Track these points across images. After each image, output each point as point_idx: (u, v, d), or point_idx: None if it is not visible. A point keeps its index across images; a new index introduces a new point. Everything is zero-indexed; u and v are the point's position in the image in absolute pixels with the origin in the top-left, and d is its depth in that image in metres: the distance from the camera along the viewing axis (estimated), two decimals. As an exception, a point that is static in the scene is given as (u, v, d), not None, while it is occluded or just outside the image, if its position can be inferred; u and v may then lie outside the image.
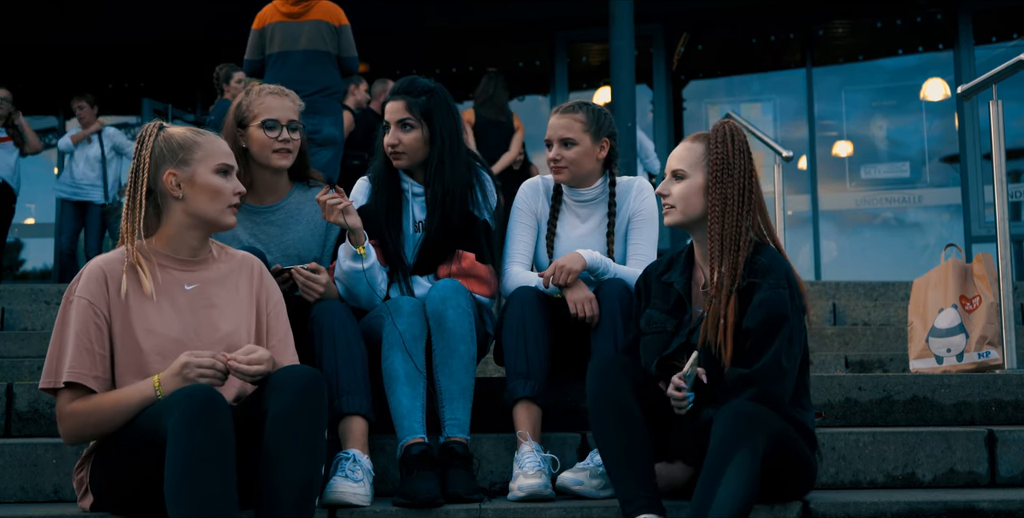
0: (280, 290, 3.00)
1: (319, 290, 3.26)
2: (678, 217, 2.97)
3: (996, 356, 4.20)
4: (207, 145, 2.80)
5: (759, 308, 2.77)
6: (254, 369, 2.62)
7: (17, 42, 11.01)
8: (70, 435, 2.69)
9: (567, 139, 3.47)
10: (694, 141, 3.00)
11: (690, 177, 2.95)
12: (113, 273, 2.73)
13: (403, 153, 3.45)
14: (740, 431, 2.62)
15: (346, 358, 3.13)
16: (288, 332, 2.92)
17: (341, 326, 3.18)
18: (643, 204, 3.54)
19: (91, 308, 2.68)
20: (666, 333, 2.94)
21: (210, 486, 2.38)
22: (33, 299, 6.07)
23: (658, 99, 10.89)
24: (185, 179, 2.77)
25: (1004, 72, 4.36)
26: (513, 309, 3.28)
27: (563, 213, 3.58)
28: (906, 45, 11.01)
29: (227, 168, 2.82)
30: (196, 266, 2.83)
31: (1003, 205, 4.31)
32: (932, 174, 10.71)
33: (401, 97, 3.46)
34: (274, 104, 3.44)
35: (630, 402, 2.79)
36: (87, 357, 2.66)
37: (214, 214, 2.79)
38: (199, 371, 2.58)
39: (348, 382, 3.11)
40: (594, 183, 3.55)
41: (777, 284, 2.80)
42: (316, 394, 2.60)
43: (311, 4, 6.38)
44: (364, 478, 2.94)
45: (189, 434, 2.41)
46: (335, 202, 3.20)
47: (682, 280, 2.98)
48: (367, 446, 3.07)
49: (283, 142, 3.42)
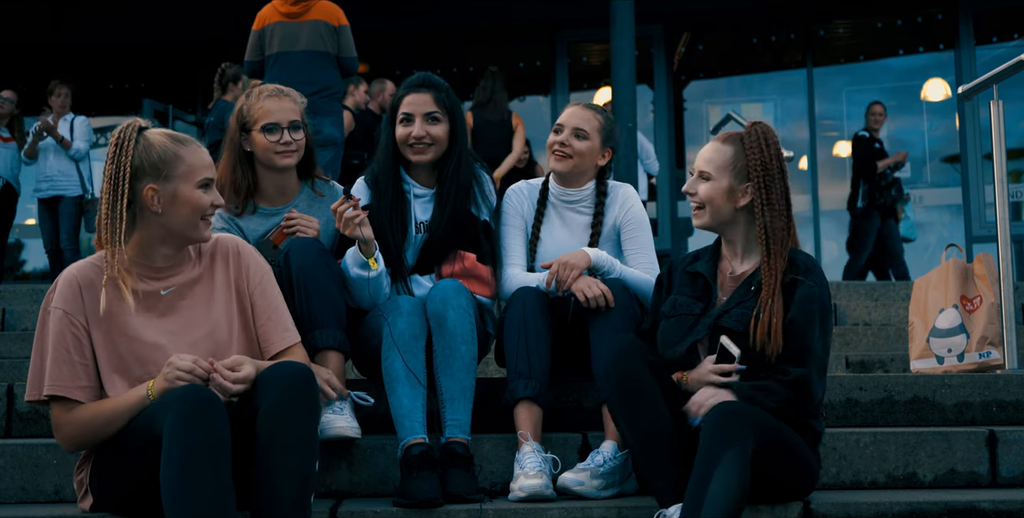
0: (266, 261, 2.95)
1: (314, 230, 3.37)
2: (707, 220, 2.98)
3: (997, 356, 4.20)
4: (189, 158, 2.69)
5: (806, 302, 2.81)
6: (235, 388, 2.60)
7: (17, 42, 11.02)
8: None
9: (581, 130, 3.47)
10: (725, 143, 2.98)
11: (716, 180, 2.95)
12: (87, 281, 2.69)
13: (431, 145, 3.43)
14: (727, 430, 2.62)
15: (318, 293, 3.17)
16: (279, 306, 2.87)
17: (312, 264, 3.20)
18: (631, 213, 3.53)
19: (67, 318, 2.66)
20: (692, 316, 2.96)
21: (206, 487, 2.38)
22: (33, 299, 6.08)
23: (659, 99, 10.89)
24: (167, 195, 2.67)
25: (1005, 72, 4.36)
26: (514, 309, 3.27)
27: (547, 217, 3.57)
28: (907, 45, 11.02)
29: (208, 182, 2.73)
30: (171, 271, 2.78)
31: (1004, 205, 4.30)
32: (933, 174, 10.72)
33: (427, 90, 3.45)
34: (272, 107, 3.44)
35: (649, 381, 2.82)
36: (66, 369, 2.64)
37: (189, 229, 2.72)
38: (177, 374, 2.56)
39: (321, 316, 3.15)
40: (583, 185, 3.55)
41: (819, 283, 2.85)
42: (306, 392, 2.58)
43: (310, 4, 6.38)
44: (350, 412, 3.11)
45: (184, 435, 2.40)
46: (352, 216, 3.20)
47: (708, 267, 3.02)
48: (344, 379, 3.19)
49: (285, 144, 3.42)
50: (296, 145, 3.44)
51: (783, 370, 2.79)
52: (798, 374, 2.77)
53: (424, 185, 3.52)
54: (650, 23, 9.85)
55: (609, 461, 3.06)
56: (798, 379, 2.77)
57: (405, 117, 3.45)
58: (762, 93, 11.40)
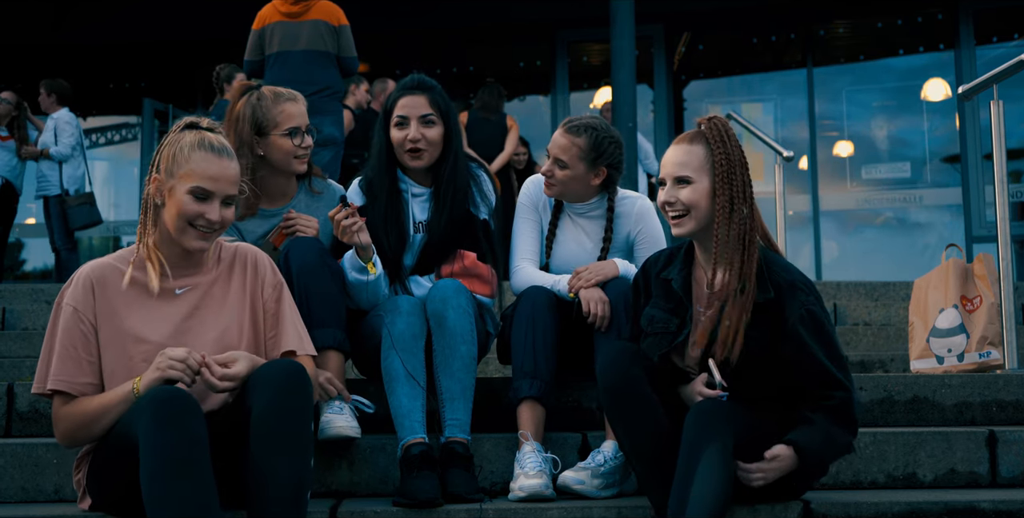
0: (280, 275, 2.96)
1: (312, 229, 3.37)
2: (691, 226, 2.81)
3: (997, 356, 4.20)
4: (194, 164, 2.70)
5: (805, 326, 2.72)
6: (221, 385, 2.59)
7: (17, 42, 11.02)
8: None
9: (560, 160, 3.43)
10: (692, 143, 2.84)
11: (696, 182, 2.80)
12: (101, 280, 2.73)
13: (425, 150, 3.43)
14: (706, 429, 2.61)
15: (318, 292, 3.17)
16: (290, 316, 2.88)
17: (312, 264, 3.20)
18: (646, 230, 3.51)
19: (77, 315, 2.69)
20: (669, 334, 2.88)
21: (183, 487, 2.37)
22: (34, 299, 6.07)
23: (659, 99, 10.89)
24: (167, 189, 2.72)
25: (1005, 72, 4.36)
26: (523, 308, 3.27)
27: (562, 224, 3.57)
28: (907, 45, 11.01)
29: (204, 193, 2.70)
30: (188, 270, 2.80)
31: (1004, 205, 4.30)
32: (933, 174, 10.72)
33: (421, 92, 3.45)
34: (294, 111, 3.44)
35: (645, 388, 2.76)
36: (71, 365, 2.67)
37: (178, 232, 2.72)
38: (170, 363, 2.56)
39: (321, 316, 3.16)
40: (590, 200, 3.53)
41: (806, 300, 2.74)
42: (299, 389, 2.58)
43: (310, 4, 6.38)
44: (349, 412, 3.11)
45: (158, 436, 2.41)
46: (349, 223, 3.20)
47: (680, 278, 2.89)
48: (344, 378, 3.19)
49: (305, 148, 3.43)
50: (311, 148, 3.47)
51: (825, 396, 2.71)
52: (840, 397, 2.70)
53: (421, 184, 3.52)
54: (650, 23, 9.84)
55: (610, 461, 3.06)
56: (842, 401, 2.70)
57: (400, 120, 3.44)
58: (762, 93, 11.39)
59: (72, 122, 8.48)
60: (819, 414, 2.70)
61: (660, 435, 2.75)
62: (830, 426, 2.69)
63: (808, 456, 2.68)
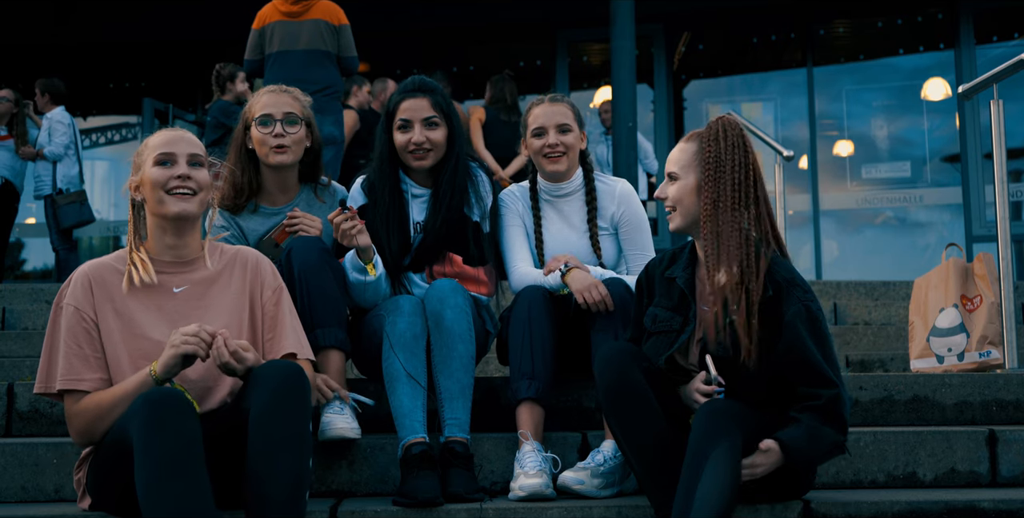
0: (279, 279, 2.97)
1: (315, 228, 3.37)
2: (679, 221, 2.91)
3: (997, 356, 4.20)
4: (150, 141, 2.84)
5: (803, 322, 2.73)
6: (227, 357, 2.56)
7: (17, 42, 11.02)
8: (81, 434, 2.71)
9: (564, 125, 3.49)
10: (688, 141, 2.94)
11: (682, 178, 2.89)
12: (99, 279, 2.76)
13: (430, 151, 3.42)
14: (716, 428, 2.61)
15: (319, 292, 3.18)
16: (288, 321, 2.89)
17: (313, 264, 3.20)
18: (628, 212, 3.54)
19: (78, 314, 2.72)
20: (672, 332, 2.89)
21: (177, 487, 2.38)
22: (34, 299, 6.08)
23: (659, 99, 10.89)
24: (140, 180, 2.82)
25: (1005, 72, 4.36)
26: (520, 309, 3.27)
27: (545, 215, 3.58)
28: (907, 45, 11.01)
29: (165, 157, 2.79)
30: (184, 268, 2.83)
31: (1004, 204, 4.30)
32: (933, 174, 10.71)
33: (424, 95, 3.44)
34: (268, 100, 3.44)
35: (644, 388, 2.76)
36: (78, 362, 2.69)
37: (158, 205, 2.78)
38: (183, 338, 2.58)
39: (322, 315, 3.16)
40: (572, 176, 3.57)
41: (801, 297, 2.76)
42: (297, 389, 2.58)
43: (311, 3, 6.38)
44: (350, 413, 3.11)
45: (151, 437, 2.41)
46: (348, 227, 3.20)
47: (685, 276, 2.92)
48: (345, 378, 3.20)
49: (278, 137, 3.39)
50: (290, 140, 3.41)
51: (813, 395, 2.71)
52: (828, 396, 2.70)
53: (422, 185, 3.51)
54: (650, 23, 9.85)
55: (609, 460, 3.06)
56: (830, 400, 2.70)
57: (404, 123, 3.44)
58: (762, 92, 11.39)
59: (65, 121, 8.47)
60: (806, 414, 2.70)
61: (659, 435, 2.75)
62: (818, 425, 2.69)
63: (793, 453, 2.68)
